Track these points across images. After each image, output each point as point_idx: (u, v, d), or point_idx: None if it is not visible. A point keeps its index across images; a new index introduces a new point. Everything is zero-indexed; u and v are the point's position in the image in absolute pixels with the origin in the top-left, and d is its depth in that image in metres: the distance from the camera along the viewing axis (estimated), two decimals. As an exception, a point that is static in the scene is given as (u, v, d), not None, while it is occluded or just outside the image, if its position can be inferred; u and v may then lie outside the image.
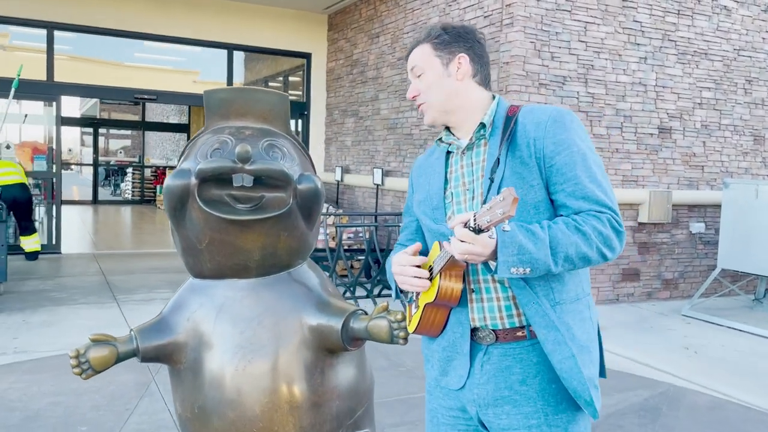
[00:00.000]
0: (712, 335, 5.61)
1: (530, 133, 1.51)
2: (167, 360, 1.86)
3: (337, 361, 1.86)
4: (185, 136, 19.62)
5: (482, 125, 1.58)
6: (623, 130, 6.62)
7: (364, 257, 6.55)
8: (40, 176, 8.99)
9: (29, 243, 8.14)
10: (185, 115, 19.95)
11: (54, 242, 8.90)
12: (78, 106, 27.51)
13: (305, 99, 10.20)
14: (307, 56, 10.08)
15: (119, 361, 1.83)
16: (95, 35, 8.98)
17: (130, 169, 20.16)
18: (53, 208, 8.94)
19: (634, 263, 6.78)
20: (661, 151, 6.85)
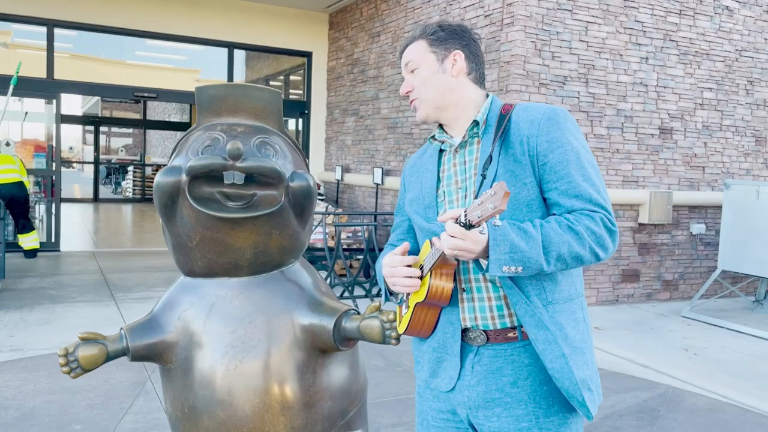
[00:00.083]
0: (712, 337, 5.59)
1: (524, 131, 1.49)
2: (158, 359, 1.84)
3: (330, 361, 1.85)
4: (186, 135, 19.60)
5: (475, 123, 1.56)
6: (624, 131, 6.59)
7: (363, 257, 6.53)
8: (39, 174, 8.99)
9: (27, 241, 8.14)
10: (186, 114, 19.96)
11: (53, 240, 8.90)
12: (80, 105, 27.55)
13: (306, 98, 10.18)
14: (307, 55, 10.06)
15: (109, 359, 1.82)
16: (96, 33, 8.97)
17: (131, 168, 20.18)
18: (53, 205, 8.94)
19: (634, 264, 6.76)
20: (662, 152, 6.83)
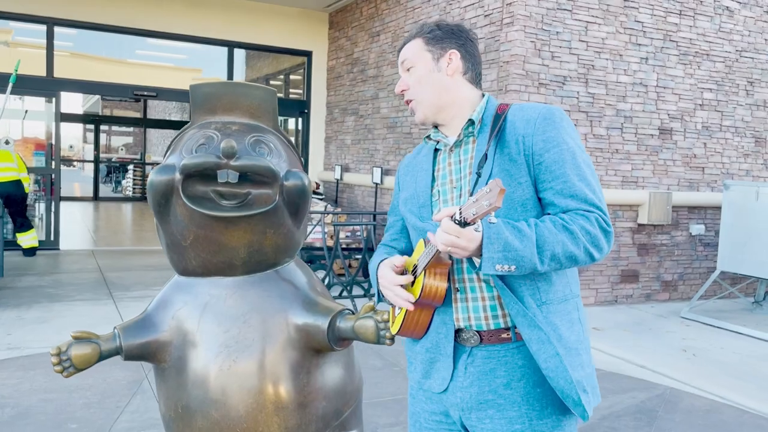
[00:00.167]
0: (710, 338, 5.58)
1: (519, 130, 1.48)
2: (151, 358, 1.84)
3: (324, 361, 1.84)
4: (187, 134, 19.60)
5: (471, 122, 1.55)
6: (623, 131, 6.58)
7: (362, 256, 6.53)
8: (39, 172, 8.98)
9: (26, 240, 8.13)
10: (187, 113, 19.96)
11: (52, 238, 8.90)
12: (81, 103, 27.55)
13: (306, 97, 10.17)
14: (307, 54, 10.05)
15: (102, 359, 1.81)
16: (96, 32, 8.97)
17: (131, 166, 20.17)
18: (52, 204, 8.93)
19: (633, 264, 6.74)
20: (662, 152, 6.81)
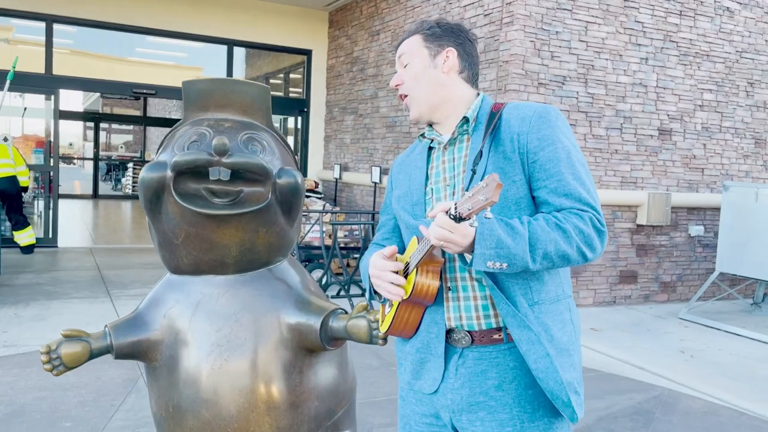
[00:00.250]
0: (709, 339, 5.56)
1: (514, 128, 1.47)
2: (142, 357, 1.82)
3: (317, 360, 1.82)
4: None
5: (465, 119, 1.54)
6: (623, 131, 6.57)
7: (360, 255, 6.52)
8: (37, 169, 8.96)
9: (23, 237, 8.11)
10: (186, 111, 19.90)
11: (51, 236, 8.88)
12: (81, 101, 27.54)
13: (305, 96, 10.16)
14: (307, 53, 10.04)
15: (93, 357, 1.79)
16: (96, 29, 8.95)
17: (131, 164, 20.17)
18: (50, 201, 8.91)
19: (631, 265, 6.73)
20: (661, 153, 6.80)
